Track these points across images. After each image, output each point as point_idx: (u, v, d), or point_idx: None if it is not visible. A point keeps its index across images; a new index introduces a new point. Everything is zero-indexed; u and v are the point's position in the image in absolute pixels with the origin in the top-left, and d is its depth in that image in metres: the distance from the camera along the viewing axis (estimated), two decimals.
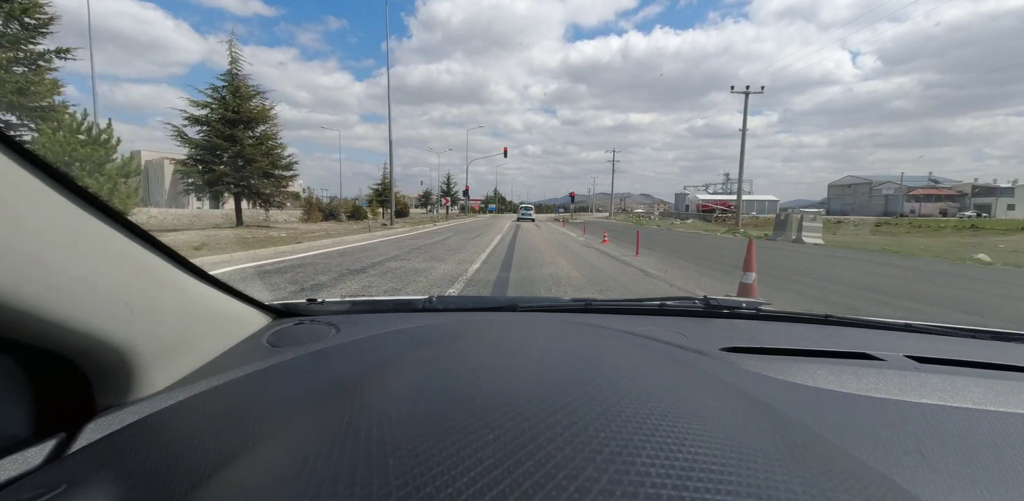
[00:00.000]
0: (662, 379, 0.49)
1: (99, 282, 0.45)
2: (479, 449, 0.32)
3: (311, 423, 0.41)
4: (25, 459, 0.41)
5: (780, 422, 0.41)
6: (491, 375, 0.48)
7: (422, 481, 0.28)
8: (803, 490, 0.28)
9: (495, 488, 0.27)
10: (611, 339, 0.68)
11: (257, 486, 0.32)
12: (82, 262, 0.43)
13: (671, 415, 0.37)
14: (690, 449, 0.31)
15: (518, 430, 0.34)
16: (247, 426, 0.45)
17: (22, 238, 0.36)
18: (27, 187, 0.38)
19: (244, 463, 0.37)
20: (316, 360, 0.65)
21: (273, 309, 0.87)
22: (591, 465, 0.29)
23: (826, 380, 0.58)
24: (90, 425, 0.47)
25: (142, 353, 0.50)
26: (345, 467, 0.31)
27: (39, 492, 0.37)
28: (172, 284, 0.58)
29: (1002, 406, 0.52)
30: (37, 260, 0.37)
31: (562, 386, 0.43)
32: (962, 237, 17.86)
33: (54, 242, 0.40)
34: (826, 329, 0.92)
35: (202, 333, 0.64)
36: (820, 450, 0.36)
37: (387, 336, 0.75)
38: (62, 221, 0.41)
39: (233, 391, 0.56)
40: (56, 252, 0.40)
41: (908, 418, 0.48)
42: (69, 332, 0.42)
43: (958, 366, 0.67)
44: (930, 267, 8.47)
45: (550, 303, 1.09)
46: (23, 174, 0.38)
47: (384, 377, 0.50)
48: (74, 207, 0.43)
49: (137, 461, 0.41)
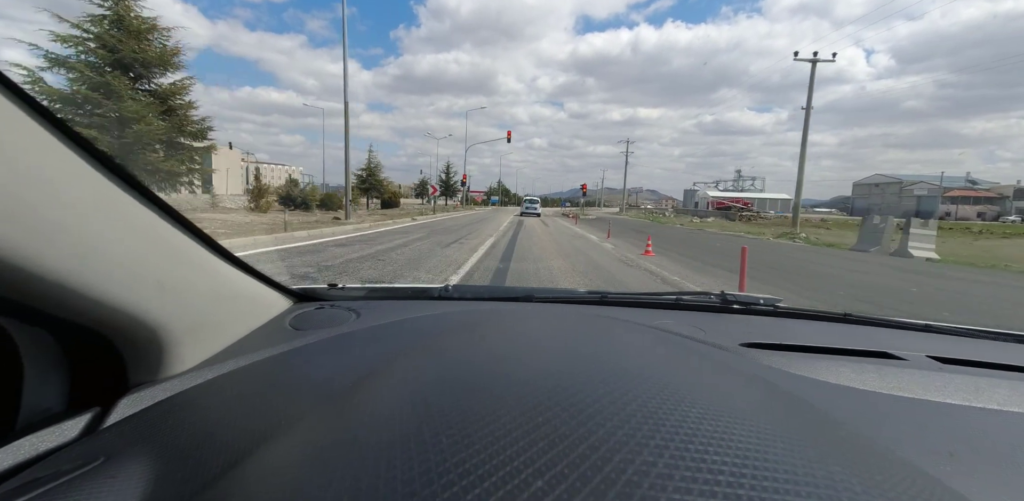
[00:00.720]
0: (691, 371, 0.48)
1: (134, 259, 0.46)
2: (532, 430, 0.31)
3: (342, 407, 0.41)
4: (62, 432, 0.43)
5: (819, 417, 0.41)
6: (524, 363, 0.48)
7: (482, 458, 0.28)
8: (859, 484, 0.27)
9: (555, 468, 0.27)
10: (632, 331, 0.67)
11: (294, 468, 0.31)
12: (118, 239, 0.44)
13: (712, 406, 0.36)
14: (741, 440, 0.30)
15: (566, 414, 0.33)
16: (275, 407, 0.46)
17: (62, 213, 0.37)
18: (69, 165, 0.39)
19: (277, 444, 0.37)
20: (339, 344, 0.67)
21: (295, 293, 0.88)
22: (645, 450, 0.29)
23: (848, 378, 0.57)
24: (123, 401, 0.48)
25: (173, 331, 0.52)
26: (399, 444, 0.31)
27: (78, 463, 0.38)
28: (201, 265, 0.58)
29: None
30: (75, 235, 0.38)
31: (602, 374, 0.42)
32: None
33: (92, 218, 0.41)
34: (845, 327, 0.91)
35: (229, 314, 0.66)
36: (864, 446, 0.35)
37: (407, 322, 0.76)
38: (100, 198, 0.42)
39: (260, 372, 0.57)
40: (94, 228, 0.41)
41: (933, 417, 0.48)
42: (104, 307, 0.43)
43: (981, 367, 0.66)
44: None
45: (566, 295, 1.07)
46: (65, 152, 0.39)
47: (408, 361, 0.51)
48: (112, 185, 0.44)
49: (172, 436, 0.43)
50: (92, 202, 0.41)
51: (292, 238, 8.75)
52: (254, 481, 0.32)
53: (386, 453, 0.30)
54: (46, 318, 0.42)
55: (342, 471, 0.29)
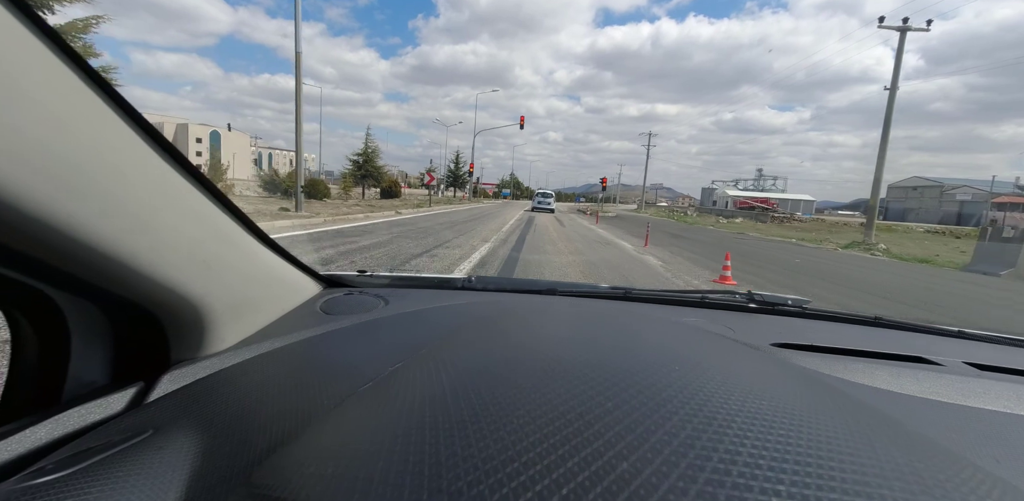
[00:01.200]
0: (736, 366, 0.47)
1: (183, 238, 0.47)
2: (585, 413, 0.31)
3: (379, 391, 0.42)
4: (109, 405, 0.45)
5: (878, 417, 0.40)
6: (558, 351, 0.47)
7: (553, 442, 0.28)
8: (947, 481, 0.27)
9: (615, 446, 0.27)
10: (662, 326, 0.66)
11: (340, 450, 0.31)
12: (170, 218, 0.45)
13: (773, 401, 0.35)
14: (817, 436, 0.30)
15: (611, 404, 0.33)
16: (312, 389, 0.47)
17: (120, 190, 0.38)
18: (131, 145, 0.40)
19: (319, 426, 0.38)
20: (369, 329, 0.68)
21: (324, 278, 0.89)
22: (704, 435, 0.28)
23: (884, 381, 0.56)
24: (166, 376, 0.50)
25: (215, 310, 0.53)
26: (471, 424, 0.30)
27: (127, 435, 0.39)
28: (243, 247, 0.59)
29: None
30: (129, 212, 0.40)
31: (649, 363, 0.42)
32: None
33: (146, 197, 0.42)
34: (876, 331, 0.89)
35: (265, 296, 0.67)
36: (926, 443, 0.35)
37: (435, 311, 0.77)
38: (156, 178, 0.43)
39: (295, 354, 0.58)
40: (148, 206, 0.42)
41: (975, 423, 0.47)
42: (153, 284, 0.44)
43: (1019, 375, 0.65)
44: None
45: (589, 289, 1.06)
46: (128, 132, 0.40)
47: (443, 347, 0.51)
48: (167, 166, 0.45)
49: (216, 412, 0.44)
50: (148, 181, 0.42)
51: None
52: (307, 456, 0.32)
53: (454, 434, 0.30)
54: (96, 292, 0.43)
55: (403, 452, 0.28)
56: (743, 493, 0.23)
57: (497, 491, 0.24)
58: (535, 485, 0.24)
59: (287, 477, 0.30)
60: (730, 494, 0.23)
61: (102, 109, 0.37)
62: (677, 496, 0.23)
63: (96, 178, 0.36)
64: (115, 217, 0.38)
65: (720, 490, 0.23)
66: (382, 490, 0.25)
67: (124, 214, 0.39)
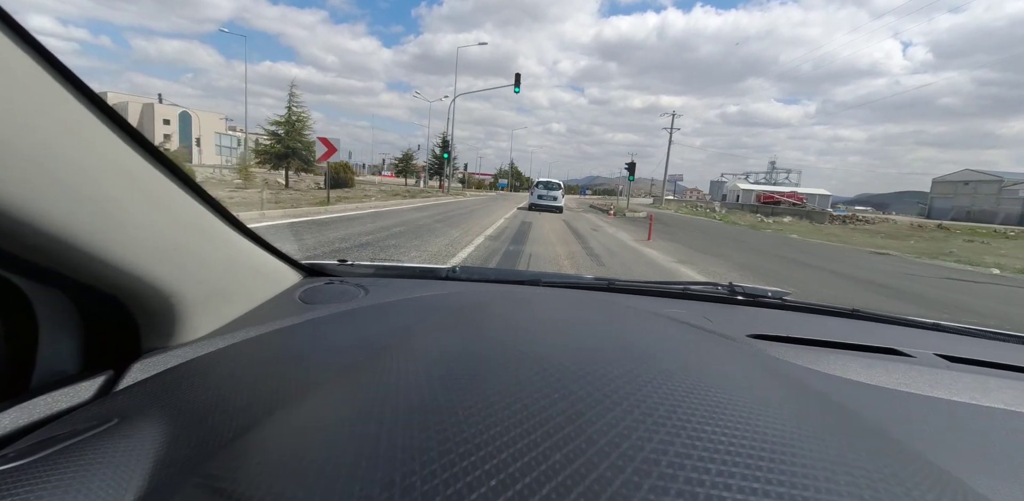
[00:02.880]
0: (705, 357, 0.48)
1: (151, 226, 0.46)
2: (549, 406, 0.31)
3: (352, 378, 0.42)
4: (76, 393, 0.44)
5: (835, 407, 0.41)
6: (535, 339, 0.48)
7: (499, 430, 0.28)
8: (878, 472, 0.27)
9: (572, 442, 0.27)
10: (641, 316, 0.67)
11: (327, 428, 0.32)
12: (136, 205, 0.44)
13: (731, 391, 0.36)
14: (759, 424, 0.30)
15: (584, 391, 0.33)
16: (289, 376, 0.47)
17: (82, 177, 0.38)
18: (91, 131, 0.39)
19: (290, 411, 0.38)
20: (349, 318, 0.67)
21: (305, 267, 0.88)
22: (663, 429, 0.29)
23: (856, 372, 0.57)
24: (136, 365, 0.49)
25: (186, 298, 0.52)
26: (416, 414, 0.31)
27: (93, 423, 0.39)
28: (216, 234, 0.59)
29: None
30: (93, 199, 0.39)
31: (618, 353, 0.43)
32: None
33: (112, 184, 0.41)
34: (853, 323, 0.89)
35: (241, 284, 0.66)
36: (882, 435, 0.35)
37: (416, 300, 0.76)
38: (121, 164, 0.43)
39: (271, 342, 0.58)
40: (113, 193, 0.41)
41: (941, 414, 0.48)
42: (119, 272, 0.43)
43: (989, 367, 0.66)
44: None
45: (574, 280, 1.05)
46: (88, 117, 0.39)
47: (421, 336, 0.51)
48: (132, 152, 0.44)
49: (185, 401, 0.44)
50: (113, 167, 0.41)
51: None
52: (267, 446, 0.32)
53: (403, 422, 0.30)
54: (62, 280, 0.42)
55: (355, 438, 0.29)
56: (667, 483, 0.24)
57: (428, 482, 0.24)
58: (466, 476, 0.24)
59: (234, 468, 0.30)
60: (655, 484, 0.24)
61: (57, 91, 0.36)
62: (602, 486, 0.23)
63: (53, 165, 0.35)
64: (75, 204, 0.37)
65: (646, 480, 0.24)
66: (317, 481, 0.25)
67: (85, 201, 0.38)
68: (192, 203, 0.53)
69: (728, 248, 9.15)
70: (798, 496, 0.23)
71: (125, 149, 0.43)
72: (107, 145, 0.41)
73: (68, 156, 0.36)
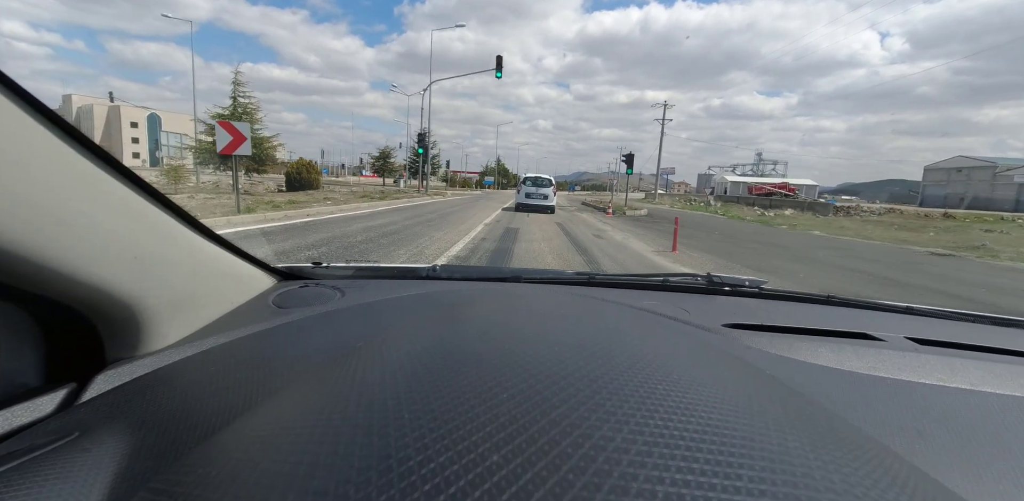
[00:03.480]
0: (669, 348, 0.48)
1: (107, 234, 0.45)
2: (495, 406, 0.31)
3: (323, 379, 0.41)
4: (37, 407, 0.43)
5: (785, 393, 0.41)
6: (502, 337, 0.48)
7: (439, 434, 0.28)
8: (814, 456, 0.28)
9: (511, 442, 0.27)
10: (616, 310, 0.67)
11: (274, 435, 0.31)
12: (90, 213, 0.43)
13: (682, 382, 0.36)
14: (702, 414, 0.31)
15: (532, 389, 0.34)
16: (257, 382, 0.46)
17: (29, 187, 0.36)
18: (38, 139, 0.38)
19: (257, 415, 0.37)
20: (323, 321, 0.66)
21: (279, 271, 0.87)
22: (606, 424, 0.29)
23: (826, 358, 0.59)
24: (99, 377, 0.48)
25: (151, 307, 0.52)
26: (362, 419, 0.31)
27: (52, 438, 0.38)
28: (180, 241, 0.58)
29: (999, 388, 0.52)
30: (45, 210, 0.38)
31: (575, 350, 0.43)
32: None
33: (62, 193, 0.40)
34: (828, 309, 0.91)
35: (210, 291, 0.65)
36: (826, 420, 0.36)
37: (393, 301, 0.75)
38: (71, 172, 0.42)
39: (242, 348, 0.57)
40: (64, 202, 0.40)
41: (906, 396, 0.49)
42: (76, 283, 0.43)
43: (958, 349, 0.67)
44: None
45: (553, 275, 1.07)
46: (35, 126, 0.38)
47: (394, 337, 0.51)
48: (83, 159, 0.43)
49: (149, 411, 0.43)
50: (62, 176, 0.40)
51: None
52: (223, 454, 0.31)
53: (370, 420, 0.30)
54: (16, 293, 0.41)
55: (319, 439, 0.28)
56: (602, 479, 0.24)
57: (362, 490, 0.24)
58: (401, 482, 0.24)
59: (184, 475, 0.29)
60: (597, 469, 0.24)
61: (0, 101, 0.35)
62: (548, 474, 0.24)
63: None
64: (24, 214, 0.35)
65: (580, 477, 0.24)
66: (255, 491, 0.25)
67: (34, 210, 0.36)
68: (151, 209, 0.52)
69: (773, 257, 7.24)
70: (742, 488, 0.24)
71: (74, 155, 0.41)
72: (53, 151, 0.39)
73: (14, 163, 0.35)
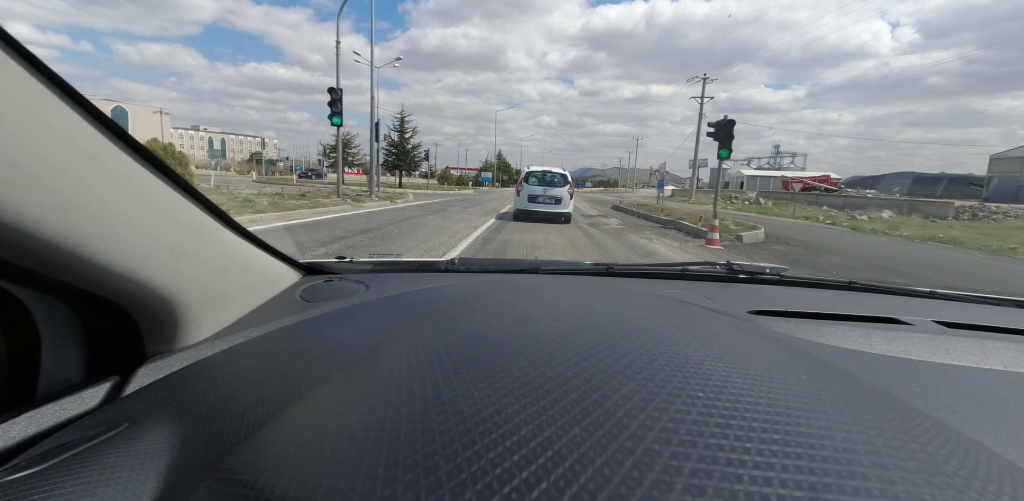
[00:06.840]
0: (713, 331, 0.48)
1: (148, 230, 0.47)
2: (564, 383, 0.31)
3: (360, 369, 0.41)
4: (83, 400, 0.45)
5: (836, 372, 0.41)
6: (548, 320, 0.47)
7: (515, 409, 0.28)
8: (890, 430, 0.27)
9: (589, 416, 0.27)
10: (645, 298, 0.65)
11: (346, 416, 0.32)
12: (132, 210, 0.44)
13: (739, 360, 0.37)
14: (769, 389, 0.31)
15: (596, 368, 0.33)
16: (292, 375, 0.47)
17: (76, 184, 0.38)
18: (84, 137, 0.39)
19: (297, 408, 0.37)
20: (350, 314, 0.68)
21: (303, 266, 0.89)
22: (678, 399, 0.29)
23: (855, 342, 0.58)
24: (141, 370, 0.50)
25: (187, 302, 0.53)
26: (432, 397, 0.31)
27: (102, 429, 0.39)
28: (214, 237, 0.59)
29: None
30: (89, 206, 0.39)
31: (624, 331, 0.43)
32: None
33: (106, 189, 0.41)
34: (850, 295, 0.90)
35: (241, 286, 0.67)
36: (883, 395, 0.36)
37: (417, 293, 0.76)
38: (115, 170, 0.43)
39: (273, 342, 0.58)
40: (107, 199, 0.41)
41: (938, 378, 0.49)
42: (119, 278, 0.44)
43: (986, 331, 0.66)
44: None
45: (572, 266, 1.08)
46: (80, 123, 0.39)
47: (426, 326, 0.51)
48: (126, 157, 0.44)
49: (192, 403, 0.44)
50: (107, 173, 0.41)
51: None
52: (283, 438, 0.32)
53: (419, 405, 0.30)
54: (61, 288, 0.43)
55: (374, 424, 0.29)
56: (688, 449, 0.24)
57: (451, 461, 0.24)
58: (488, 453, 0.25)
59: (254, 460, 0.30)
60: (675, 451, 0.24)
61: (45, 97, 0.36)
62: (624, 455, 0.24)
63: (43, 171, 0.34)
64: (69, 211, 0.37)
65: (666, 447, 0.24)
66: (341, 467, 0.26)
67: (79, 207, 0.38)
68: (187, 205, 0.53)
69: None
70: (816, 455, 0.24)
71: (117, 152, 0.42)
72: (98, 149, 0.40)
73: (58, 162, 0.36)
